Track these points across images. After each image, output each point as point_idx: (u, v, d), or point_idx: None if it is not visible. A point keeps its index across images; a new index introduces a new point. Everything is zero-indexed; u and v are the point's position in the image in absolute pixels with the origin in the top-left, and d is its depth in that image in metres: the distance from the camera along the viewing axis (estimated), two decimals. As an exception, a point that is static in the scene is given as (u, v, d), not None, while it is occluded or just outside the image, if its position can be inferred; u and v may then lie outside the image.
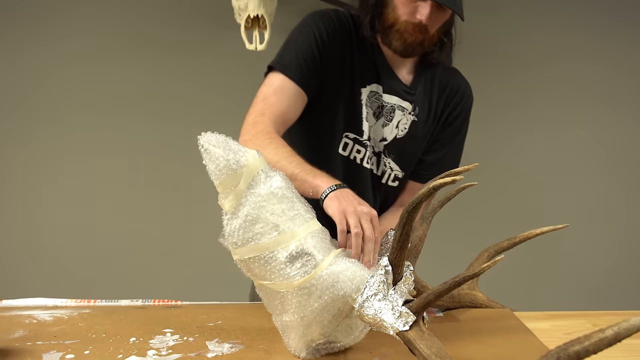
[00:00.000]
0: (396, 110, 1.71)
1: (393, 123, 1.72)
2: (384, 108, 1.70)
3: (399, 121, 1.72)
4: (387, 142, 1.73)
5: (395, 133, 1.73)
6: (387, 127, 1.72)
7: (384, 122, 1.71)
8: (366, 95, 1.69)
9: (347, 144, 1.71)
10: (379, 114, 1.70)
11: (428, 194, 1.04)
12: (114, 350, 1.24)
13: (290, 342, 1.20)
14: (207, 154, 1.17)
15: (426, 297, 1.06)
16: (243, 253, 1.16)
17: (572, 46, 3.26)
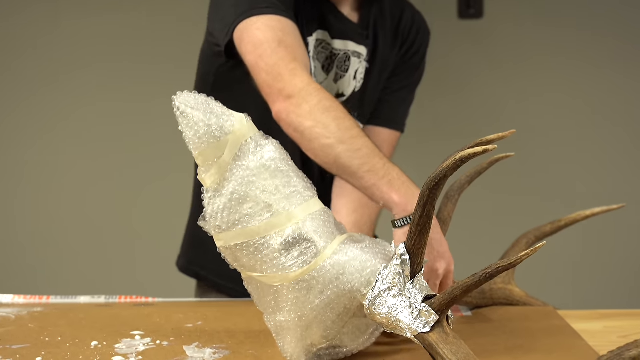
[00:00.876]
0: (351, 58, 1.71)
1: (349, 74, 1.71)
2: (336, 58, 1.70)
3: (357, 70, 1.72)
4: (346, 98, 1.73)
5: (354, 86, 1.73)
6: (343, 80, 1.71)
7: (338, 75, 1.71)
8: (313, 46, 1.68)
9: None
10: (329, 66, 1.70)
11: (454, 167, 1.04)
12: (72, 357, 1.25)
13: (286, 347, 1.21)
14: (184, 118, 1.17)
15: (451, 292, 1.07)
16: (228, 239, 1.17)
17: None
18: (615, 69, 3.34)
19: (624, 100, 3.37)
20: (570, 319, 1.46)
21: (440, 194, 1.08)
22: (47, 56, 3.22)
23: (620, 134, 3.39)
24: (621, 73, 3.35)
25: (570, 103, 3.34)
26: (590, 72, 3.33)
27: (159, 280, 3.24)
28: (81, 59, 3.25)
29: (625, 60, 3.34)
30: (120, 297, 1.66)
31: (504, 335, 1.38)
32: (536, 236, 1.57)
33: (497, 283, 1.53)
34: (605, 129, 3.37)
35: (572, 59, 3.33)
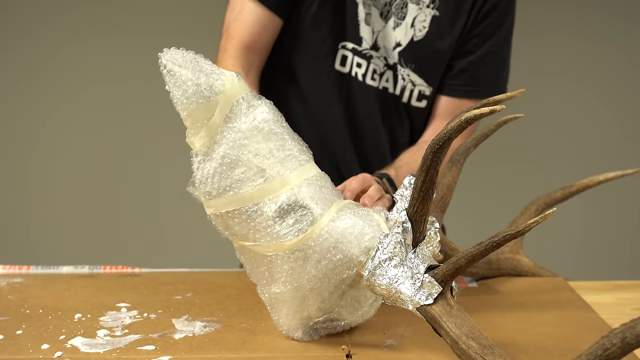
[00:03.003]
0: (409, 5, 1.69)
1: (407, 21, 1.69)
2: (393, 3, 1.69)
3: (415, 18, 1.70)
4: (402, 48, 1.72)
5: (412, 34, 1.71)
6: (400, 28, 1.70)
7: (396, 22, 1.69)
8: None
9: (345, 57, 1.71)
10: (387, 13, 1.69)
11: (459, 129, 1.04)
12: (55, 330, 1.26)
13: (281, 320, 1.22)
14: (171, 77, 1.16)
15: (456, 262, 1.07)
16: (219, 206, 1.17)
17: None
18: (627, 32, 3.32)
19: (637, 63, 3.36)
20: (581, 291, 1.47)
21: (444, 158, 1.08)
22: (48, 31, 3.21)
23: (636, 97, 3.38)
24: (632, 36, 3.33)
25: (583, 64, 3.33)
26: (602, 34, 3.31)
27: (146, 250, 3.25)
28: (82, 34, 3.24)
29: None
30: (105, 267, 1.66)
31: (512, 307, 1.38)
32: (546, 202, 1.57)
33: (504, 252, 1.54)
34: (619, 91, 3.36)
35: (584, 11, 3.30)
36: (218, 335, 1.24)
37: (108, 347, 1.18)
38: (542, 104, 3.25)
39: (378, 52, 1.71)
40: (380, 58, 1.71)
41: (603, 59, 3.32)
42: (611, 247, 3.44)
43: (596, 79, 3.34)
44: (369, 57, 1.70)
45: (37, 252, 3.25)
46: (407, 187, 1.27)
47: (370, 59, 1.71)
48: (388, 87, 1.73)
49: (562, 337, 1.24)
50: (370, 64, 1.71)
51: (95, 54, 3.21)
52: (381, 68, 1.72)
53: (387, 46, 1.70)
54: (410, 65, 1.72)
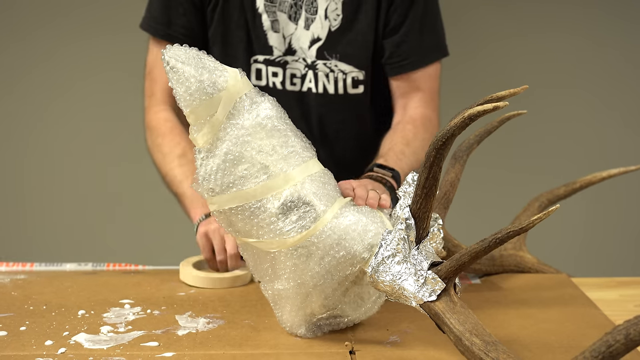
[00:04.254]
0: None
1: (320, 14, 1.68)
2: (301, 2, 1.67)
3: (326, 8, 1.68)
4: (323, 42, 1.71)
5: (328, 25, 1.69)
6: (315, 24, 1.69)
7: (309, 19, 1.68)
8: (262, 0, 1.67)
9: (259, 70, 1.71)
10: (297, 14, 1.68)
11: (462, 125, 1.04)
12: (58, 326, 1.26)
13: (284, 316, 1.22)
14: (174, 74, 1.16)
15: (459, 259, 1.07)
16: (222, 202, 1.17)
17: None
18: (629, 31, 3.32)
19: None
20: (584, 287, 1.47)
21: (447, 154, 1.08)
22: (45, 31, 3.21)
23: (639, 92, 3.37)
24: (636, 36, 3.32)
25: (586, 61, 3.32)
26: (606, 26, 3.31)
27: (149, 247, 3.25)
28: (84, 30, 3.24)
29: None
30: (109, 264, 1.66)
31: (515, 304, 1.38)
32: (549, 199, 1.57)
33: (507, 249, 1.54)
34: (622, 88, 3.35)
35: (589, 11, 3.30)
36: (221, 332, 1.24)
37: (111, 344, 1.18)
38: (545, 100, 3.24)
39: (295, 55, 1.70)
40: (298, 61, 1.70)
41: (606, 56, 3.31)
42: (614, 244, 3.43)
43: (599, 75, 3.33)
44: (284, 63, 1.70)
45: (41, 249, 3.25)
46: (410, 184, 1.27)
47: (285, 65, 1.70)
48: (312, 87, 1.73)
49: (565, 334, 1.24)
50: (287, 70, 1.71)
51: (93, 53, 3.21)
52: (302, 70, 1.71)
53: (303, 47, 1.70)
54: (335, 55, 1.71)
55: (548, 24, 3.28)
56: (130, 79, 3.20)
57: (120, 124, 3.25)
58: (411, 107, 1.75)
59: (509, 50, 3.28)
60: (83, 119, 3.24)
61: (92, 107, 3.25)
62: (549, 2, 3.26)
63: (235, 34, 1.70)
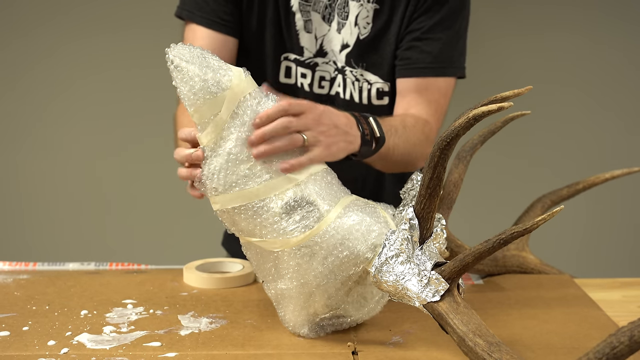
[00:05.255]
0: (349, 2, 1.65)
1: (350, 20, 1.66)
2: (334, 4, 1.66)
3: (357, 15, 1.66)
4: (350, 49, 1.68)
5: (357, 33, 1.67)
6: (345, 29, 1.67)
7: (340, 24, 1.67)
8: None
9: (289, 68, 1.69)
10: (330, 15, 1.66)
11: (466, 126, 1.04)
12: (61, 326, 1.26)
13: (287, 316, 1.21)
14: (178, 73, 1.16)
15: (462, 259, 1.07)
16: (225, 201, 1.17)
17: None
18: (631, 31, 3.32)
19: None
20: (587, 288, 1.47)
21: (451, 155, 1.08)
22: (45, 29, 3.21)
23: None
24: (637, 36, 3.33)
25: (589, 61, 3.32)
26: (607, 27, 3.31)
27: (152, 246, 3.25)
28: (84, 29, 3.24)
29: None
30: (111, 263, 1.66)
31: (517, 304, 1.38)
32: (552, 200, 1.57)
33: (510, 250, 1.53)
34: (625, 88, 3.35)
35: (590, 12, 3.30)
36: (224, 332, 1.24)
37: (114, 344, 1.18)
38: (549, 101, 3.25)
39: (325, 57, 1.68)
40: (329, 63, 1.68)
41: (609, 57, 3.31)
42: (617, 245, 3.43)
43: (602, 76, 3.33)
44: (314, 65, 1.68)
45: (44, 249, 3.25)
46: (414, 184, 1.27)
47: (315, 67, 1.68)
48: (340, 91, 1.70)
49: (568, 335, 1.24)
50: (316, 72, 1.68)
51: (94, 51, 3.21)
52: (332, 73, 1.69)
53: (334, 49, 1.68)
54: (361, 64, 1.69)
55: (548, 24, 3.28)
56: (132, 77, 3.21)
57: (123, 122, 3.26)
58: (414, 110, 1.68)
59: (509, 50, 3.29)
60: (86, 117, 3.25)
61: (96, 105, 3.25)
62: (548, 3, 3.26)
63: (268, 31, 1.68)
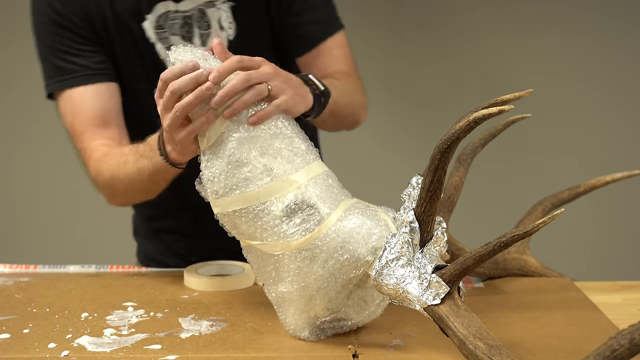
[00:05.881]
0: (206, 11, 1.63)
1: (214, 27, 1.63)
2: (192, 20, 1.62)
3: (219, 20, 1.64)
4: None
5: (226, 36, 1.65)
6: (211, 38, 1.63)
7: (203, 36, 1.63)
8: (152, 28, 1.61)
9: None
10: (189, 33, 1.62)
11: (467, 129, 1.04)
12: (61, 329, 1.26)
13: (288, 319, 1.21)
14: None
15: (463, 262, 1.07)
16: (226, 205, 1.17)
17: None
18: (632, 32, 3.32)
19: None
20: (588, 291, 1.47)
21: (452, 158, 1.08)
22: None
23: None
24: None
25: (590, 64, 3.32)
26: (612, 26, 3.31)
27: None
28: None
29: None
30: (112, 266, 1.66)
31: (518, 307, 1.38)
32: (553, 203, 1.57)
33: (511, 253, 1.53)
34: (626, 91, 3.35)
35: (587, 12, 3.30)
36: (224, 335, 1.24)
37: (115, 346, 1.18)
38: (549, 103, 3.24)
39: None
40: None
41: (609, 59, 3.31)
42: (618, 248, 3.43)
43: (603, 79, 3.33)
44: None
45: (44, 251, 3.25)
46: (415, 187, 1.27)
47: None
48: None
49: (569, 338, 1.24)
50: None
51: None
52: None
53: None
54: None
55: (545, 24, 3.28)
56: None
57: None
58: (330, 70, 1.68)
59: (507, 50, 3.28)
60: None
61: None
62: (545, 3, 3.26)
63: (134, 70, 1.65)
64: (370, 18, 3.20)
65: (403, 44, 3.26)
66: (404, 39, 3.25)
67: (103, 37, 1.62)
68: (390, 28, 3.23)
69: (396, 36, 3.24)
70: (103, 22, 1.61)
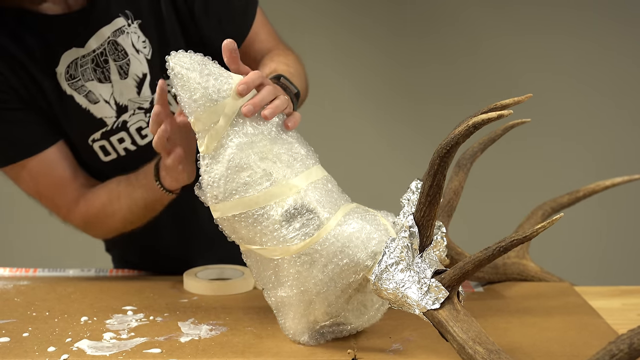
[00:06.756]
0: (117, 39, 1.55)
1: (130, 53, 1.56)
2: (105, 56, 1.55)
3: (132, 42, 1.56)
4: (150, 77, 1.58)
5: (144, 57, 1.57)
6: (131, 65, 1.56)
7: (122, 67, 1.56)
8: (64, 79, 1.54)
9: (102, 146, 1.59)
10: (105, 71, 1.55)
11: (466, 134, 1.04)
12: (61, 333, 1.26)
13: (287, 324, 1.21)
14: (178, 80, 1.16)
15: (462, 267, 1.07)
16: (225, 209, 1.17)
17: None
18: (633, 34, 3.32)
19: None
20: (587, 296, 1.47)
21: (451, 162, 1.08)
22: None
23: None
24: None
25: (589, 67, 3.33)
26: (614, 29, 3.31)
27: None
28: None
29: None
30: (112, 270, 1.66)
31: (518, 312, 1.38)
32: (552, 207, 1.57)
33: (510, 257, 1.53)
34: (626, 94, 3.35)
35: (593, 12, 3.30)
36: (224, 339, 1.24)
37: (114, 350, 1.18)
38: (548, 108, 3.25)
39: (129, 110, 1.58)
40: (136, 113, 1.58)
41: (611, 62, 3.32)
42: (617, 253, 3.43)
43: (602, 82, 3.33)
44: (123, 124, 1.58)
45: (44, 255, 3.25)
46: (414, 191, 1.27)
47: (126, 125, 1.58)
48: None
49: (568, 342, 1.24)
50: (130, 128, 1.59)
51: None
52: (145, 119, 1.59)
53: (132, 97, 1.58)
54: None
55: (546, 26, 3.29)
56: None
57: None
58: (261, 54, 1.66)
59: (508, 52, 3.29)
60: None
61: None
62: (546, 5, 3.26)
63: (65, 125, 1.58)
64: (370, 19, 3.20)
65: (403, 46, 3.26)
66: (404, 40, 3.25)
67: (30, 103, 1.56)
68: (390, 29, 3.23)
69: (397, 38, 3.25)
70: (26, 90, 1.54)
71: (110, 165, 1.61)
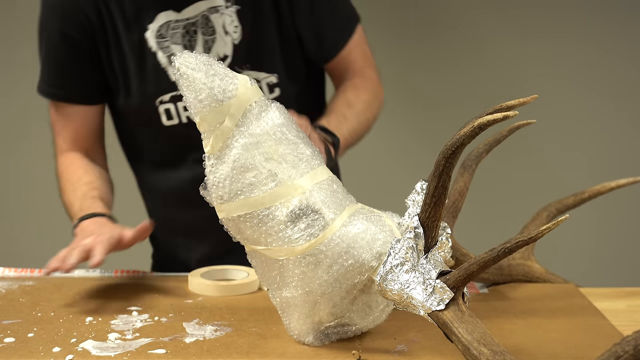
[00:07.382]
0: (210, 17, 1.65)
1: (219, 32, 1.66)
2: (196, 26, 1.64)
3: (223, 25, 1.66)
4: (230, 59, 1.68)
5: (231, 41, 1.67)
6: (216, 43, 1.66)
7: (208, 42, 1.65)
8: (153, 37, 1.65)
9: (167, 110, 1.69)
10: (191, 40, 1.65)
11: (472, 135, 1.04)
12: (66, 333, 1.26)
13: (292, 324, 1.21)
14: (184, 80, 1.17)
15: (467, 268, 1.07)
16: (231, 210, 1.17)
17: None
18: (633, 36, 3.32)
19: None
20: (592, 297, 1.46)
21: (456, 163, 1.08)
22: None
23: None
24: None
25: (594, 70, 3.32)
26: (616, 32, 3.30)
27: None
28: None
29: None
30: (116, 270, 1.66)
31: (523, 313, 1.38)
32: (558, 209, 1.56)
33: (515, 258, 1.53)
34: (630, 96, 3.35)
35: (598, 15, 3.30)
36: (229, 339, 1.24)
37: (119, 351, 1.18)
38: (554, 109, 3.24)
39: None
40: None
41: (614, 65, 3.31)
42: (623, 254, 3.42)
43: (607, 84, 3.32)
44: None
45: (49, 256, 3.25)
46: (419, 192, 1.27)
47: None
48: None
49: (573, 344, 1.24)
50: None
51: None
52: None
53: None
54: (245, 66, 1.69)
55: (551, 29, 3.28)
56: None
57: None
58: (349, 77, 1.77)
59: (512, 55, 3.28)
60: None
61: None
62: (552, 7, 3.26)
63: (135, 81, 1.67)
64: (374, 23, 3.20)
65: (407, 49, 3.26)
66: (408, 44, 3.25)
67: (101, 49, 1.66)
68: (394, 33, 3.23)
69: (400, 41, 3.24)
70: (103, 33, 1.64)
71: (168, 130, 1.70)
